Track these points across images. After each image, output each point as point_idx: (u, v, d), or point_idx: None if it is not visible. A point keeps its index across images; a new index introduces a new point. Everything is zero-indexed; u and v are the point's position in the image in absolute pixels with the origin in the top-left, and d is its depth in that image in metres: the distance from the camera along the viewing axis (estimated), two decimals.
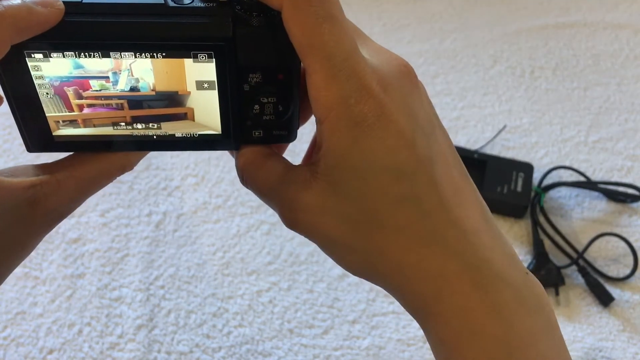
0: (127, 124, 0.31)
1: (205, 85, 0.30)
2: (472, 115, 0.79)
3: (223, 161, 0.72)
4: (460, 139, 0.76)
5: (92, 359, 0.56)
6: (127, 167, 0.33)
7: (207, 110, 0.31)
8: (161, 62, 0.29)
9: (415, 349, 0.57)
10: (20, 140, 0.33)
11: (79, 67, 0.29)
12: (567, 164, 0.73)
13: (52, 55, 0.28)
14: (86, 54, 0.28)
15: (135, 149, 0.32)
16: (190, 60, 0.29)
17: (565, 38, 0.91)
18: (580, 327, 0.60)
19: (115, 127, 0.31)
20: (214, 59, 0.29)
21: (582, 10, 0.96)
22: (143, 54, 0.28)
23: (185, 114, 0.31)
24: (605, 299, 0.61)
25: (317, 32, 0.27)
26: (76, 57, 0.28)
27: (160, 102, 0.30)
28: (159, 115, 0.31)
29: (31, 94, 0.29)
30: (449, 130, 0.38)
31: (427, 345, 0.57)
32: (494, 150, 0.75)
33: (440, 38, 0.91)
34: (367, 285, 0.61)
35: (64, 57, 0.28)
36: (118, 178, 0.33)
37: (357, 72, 0.27)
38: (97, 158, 0.32)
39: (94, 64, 0.29)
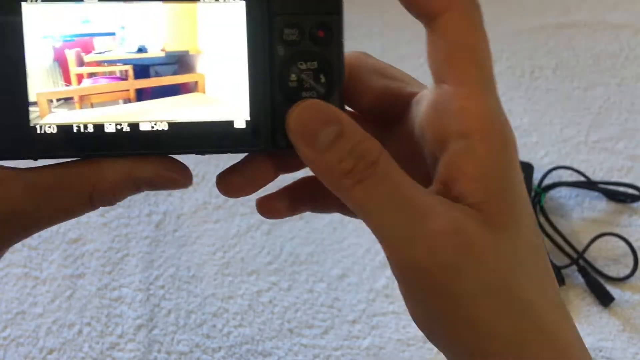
0: (130, 101, 0.26)
1: (226, 42, 0.26)
2: None
3: (223, 161, 0.72)
4: None
5: (92, 359, 0.56)
6: (98, 184, 0.26)
7: (221, 80, 0.26)
8: (173, 10, 0.25)
9: (415, 349, 0.57)
10: None
11: (85, 21, 0.25)
12: (567, 164, 0.73)
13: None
14: None
15: (135, 150, 0.26)
16: (205, 6, 0.25)
17: (565, 38, 0.91)
18: (580, 327, 0.59)
19: (115, 106, 0.26)
20: (244, 1, 0.25)
21: (582, 10, 0.95)
22: None
23: (196, 83, 0.26)
24: (605, 299, 0.61)
25: (476, 39, 0.26)
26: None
27: (169, 67, 0.26)
28: (165, 87, 0.26)
29: (17, 60, 0.25)
30: None
31: (427, 345, 0.57)
32: None
33: None
34: (367, 285, 0.61)
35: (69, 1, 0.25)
36: None
37: (496, 89, 0.26)
38: (62, 167, 0.26)
39: (103, 14, 0.25)
